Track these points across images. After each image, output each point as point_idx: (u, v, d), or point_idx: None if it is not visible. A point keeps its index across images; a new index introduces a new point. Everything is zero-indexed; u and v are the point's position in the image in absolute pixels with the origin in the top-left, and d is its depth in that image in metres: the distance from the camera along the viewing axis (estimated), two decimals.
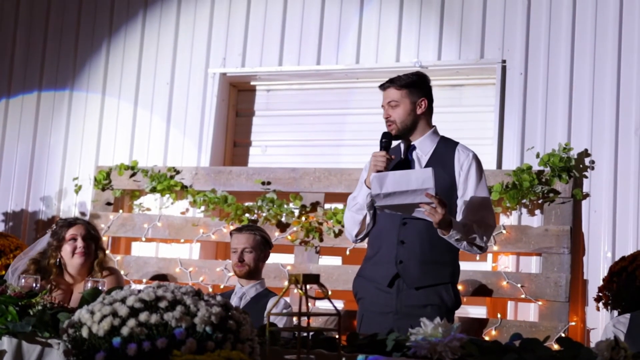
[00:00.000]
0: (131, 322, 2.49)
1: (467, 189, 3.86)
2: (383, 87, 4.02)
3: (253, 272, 4.61)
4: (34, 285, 3.47)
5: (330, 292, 5.62)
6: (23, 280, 3.48)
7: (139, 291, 2.64)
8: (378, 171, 3.81)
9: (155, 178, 5.98)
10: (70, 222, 4.39)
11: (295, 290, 2.52)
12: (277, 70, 6.15)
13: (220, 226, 5.80)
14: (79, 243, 4.31)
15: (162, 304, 2.55)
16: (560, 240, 5.23)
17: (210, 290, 5.83)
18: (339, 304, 5.85)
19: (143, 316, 2.51)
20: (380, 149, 3.88)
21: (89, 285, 3.38)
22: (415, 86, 3.97)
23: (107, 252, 5.90)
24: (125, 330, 2.47)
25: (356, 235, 4.00)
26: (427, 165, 3.86)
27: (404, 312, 3.75)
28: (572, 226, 5.24)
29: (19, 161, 6.64)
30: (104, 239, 5.98)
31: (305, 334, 2.74)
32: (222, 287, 5.71)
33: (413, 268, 3.81)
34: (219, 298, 2.66)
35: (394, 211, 3.70)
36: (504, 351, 2.84)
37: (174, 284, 2.69)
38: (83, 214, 6.31)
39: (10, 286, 3.10)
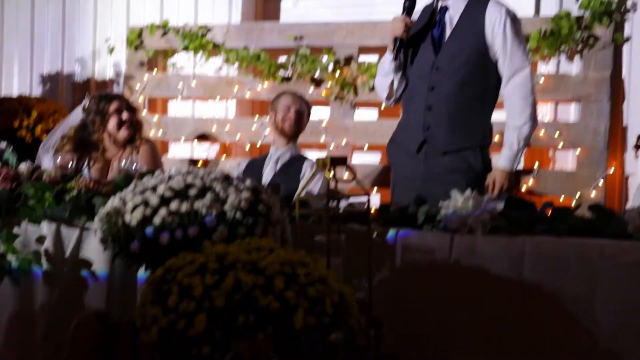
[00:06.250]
0: (162, 212, 2.53)
1: (506, 56, 3.70)
2: None
3: (295, 135, 4.62)
4: (71, 164, 3.50)
5: (367, 146, 5.67)
6: (59, 159, 3.52)
7: (170, 178, 2.67)
8: (396, 37, 3.73)
9: (186, 37, 5.91)
10: (110, 97, 4.40)
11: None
12: None
13: (255, 83, 5.77)
14: (125, 116, 4.33)
15: (192, 192, 2.58)
16: (600, 87, 5.12)
17: (247, 147, 5.87)
18: (377, 156, 5.87)
19: (174, 205, 2.55)
20: (403, 12, 3.75)
21: (123, 164, 3.41)
22: None
23: (144, 112, 5.99)
24: (157, 220, 2.53)
25: (387, 99, 3.97)
26: (456, 27, 3.73)
27: (432, 178, 3.74)
28: (612, 72, 5.11)
29: (50, 23, 6.56)
30: (140, 99, 6.01)
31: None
32: (258, 145, 5.75)
33: (440, 134, 3.76)
34: (247, 182, 2.68)
35: None
36: (534, 222, 2.85)
37: (203, 169, 2.71)
38: (118, 74, 6.31)
39: (45, 171, 3.14)
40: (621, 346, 2.65)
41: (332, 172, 2.60)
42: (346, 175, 4.43)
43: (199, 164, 5.83)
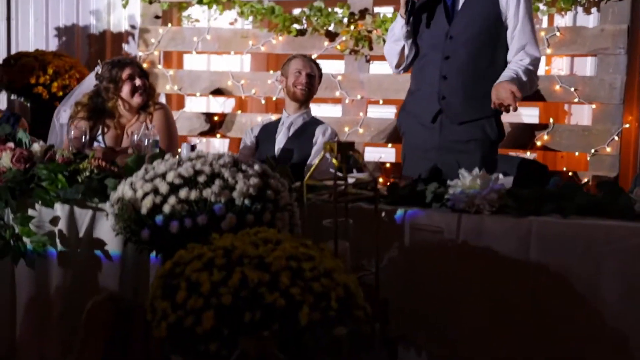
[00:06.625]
0: (172, 200, 2.57)
1: (517, 25, 3.63)
2: None
3: (307, 100, 4.58)
4: (85, 136, 3.54)
5: (382, 101, 5.65)
6: (73, 131, 3.55)
7: (179, 163, 2.69)
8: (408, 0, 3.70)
9: None
10: (122, 63, 4.37)
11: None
12: None
13: (270, 37, 5.74)
14: (138, 82, 4.31)
15: (201, 179, 2.60)
16: (617, 40, 5.06)
17: (263, 102, 5.87)
18: (391, 110, 5.86)
19: (183, 193, 2.58)
20: None
21: (136, 137, 3.45)
22: None
23: (160, 66, 5.99)
24: (166, 208, 2.56)
25: (396, 67, 3.94)
26: (465, 3, 3.68)
27: (447, 147, 3.72)
28: (629, 25, 5.05)
29: None
30: (155, 53, 6.01)
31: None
32: (274, 98, 5.75)
33: (456, 103, 3.73)
34: (256, 167, 2.70)
35: None
36: (542, 200, 2.86)
37: (212, 154, 2.73)
38: (133, 27, 6.30)
39: (58, 151, 3.17)
40: (627, 327, 2.69)
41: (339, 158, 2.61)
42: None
43: (215, 118, 5.86)
